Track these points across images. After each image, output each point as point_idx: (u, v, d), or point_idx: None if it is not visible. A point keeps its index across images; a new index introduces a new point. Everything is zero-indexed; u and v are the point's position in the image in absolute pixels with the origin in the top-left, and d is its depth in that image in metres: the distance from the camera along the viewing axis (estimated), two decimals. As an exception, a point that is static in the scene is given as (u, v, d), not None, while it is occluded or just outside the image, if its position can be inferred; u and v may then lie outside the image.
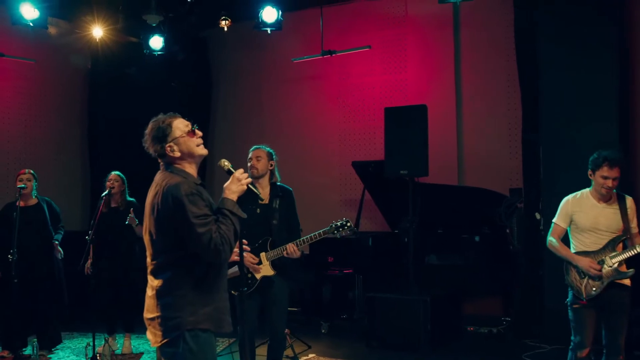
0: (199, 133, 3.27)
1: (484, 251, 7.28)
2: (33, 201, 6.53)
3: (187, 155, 3.22)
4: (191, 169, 3.25)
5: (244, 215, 3.19)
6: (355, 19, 8.87)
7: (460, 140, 8.33)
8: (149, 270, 3.18)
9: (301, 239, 5.01)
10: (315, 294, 8.02)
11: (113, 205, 6.69)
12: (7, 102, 8.84)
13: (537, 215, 6.79)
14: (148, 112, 3.63)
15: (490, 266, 7.29)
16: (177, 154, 3.20)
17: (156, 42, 9.13)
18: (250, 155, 5.16)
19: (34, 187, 6.52)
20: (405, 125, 6.75)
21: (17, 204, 6.26)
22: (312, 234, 5.02)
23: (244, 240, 3.59)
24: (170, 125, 3.21)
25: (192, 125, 3.29)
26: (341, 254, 7.69)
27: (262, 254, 5.04)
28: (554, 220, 4.68)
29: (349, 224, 5.01)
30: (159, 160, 3.27)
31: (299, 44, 8.97)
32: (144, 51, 9.15)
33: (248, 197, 5.03)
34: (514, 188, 7.50)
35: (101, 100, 9.69)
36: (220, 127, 10.23)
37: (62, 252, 6.61)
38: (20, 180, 6.42)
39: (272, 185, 5.22)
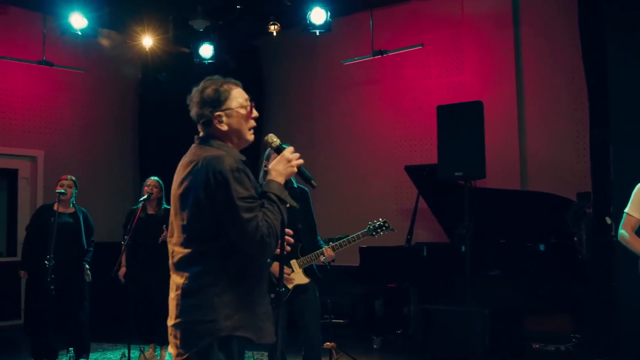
0: (255, 114, 2.78)
1: (550, 261, 6.66)
2: (70, 209, 6.35)
3: (234, 134, 2.72)
4: (232, 147, 2.74)
5: (294, 204, 2.70)
6: (408, 21, 8.48)
7: (522, 142, 7.78)
8: (172, 262, 2.67)
9: (338, 241, 4.65)
10: (367, 307, 7.57)
11: (150, 211, 6.47)
12: (58, 112, 8.85)
13: (608, 220, 6.16)
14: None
15: (557, 277, 6.67)
16: (224, 128, 2.69)
17: (206, 51, 9.00)
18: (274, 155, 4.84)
19: (74, 195, 6.35)
20: (460, 124, 6.28)
21: (56, 209, 6.12)
22: (349, 236, 4.67)
23: (288, 230, 3.00)
24: (229, 92, 2.71)
25: (251, 100, 2.77)
26: (394, 265, 7.23)
27: (294, 262, 4.66)
28: (626, 210, 4.18)
29: (386, 224, 4.65)
30: (199, 129, 2.76)
31: (349, 47, 8.63)
32: (194, 60, 9.02)
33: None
34: (581, 192, 6.90)
35: (151, 109, 9.61)
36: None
37: (90, 275, 6.39)
38: (60, 186, 6.28)
39: (291, 187, 4.86)
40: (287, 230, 2.98)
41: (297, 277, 4.66)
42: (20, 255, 8.57)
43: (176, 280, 2.62)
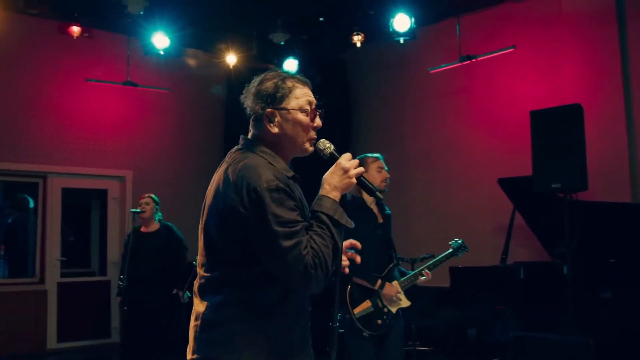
0: (318, 123, 2.35)
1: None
2: (154, 227, 6.25)
3: (287, 141, 2.30)
4: (281, 157, 2.31)
5: (352, 225, 2.23)
6: (498, 24, 7.86)
7: (632, 149, 6.98)
8: (195, 286, 2.28)
9: (432, 262, 4.41)
10: (458, 333, 7.00)
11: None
12: (145, 132, 8.89)
13: None
14: None
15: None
16: (275, 130, 2.28)
17: (290, 66, 8.81)
18: (376, 163, 4.46)
19: (155, 211, 6.24)
20: (557, 130, 5.67)
21: (132, 229, 6.06)
22: (439, 257, 4.45)
23: (353, 245, 2.52)
24: (290, 89, 2.31)
25: (319, 107, 2.37)
26: (488, 287, 6.63)
27: (396, 283, 4.32)
28: None
29: (464, 244, 4.53)
30: (250, 125, 2.37)
31: (435, 55, 8.14)
32: (279, 76, 8.84)
33: (363, 213, 4.38)
34: None
35: (236, 127, 9.44)
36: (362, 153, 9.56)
37: (186, 299, 6.22)
38: (139, 205, 6.22)
39: (377, 200, 4.45)
40: (351, 241, 2.51)
41: (402, 299, 4.36)
42: (109, 275, 8.72)
43: (197, 308, 2.24)
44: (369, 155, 4.54)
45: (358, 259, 2.54)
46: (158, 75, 8.63)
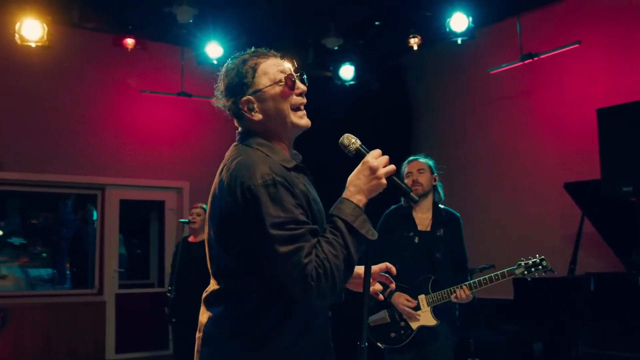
0: (302, 87, 2.09)
1: None
2: (203, 237, 6.14)
3: (275, 122, 2.06)
4: (280, 145, 2.09)
5: (376, 236, 1.93)
6: (562, 21, 7.38)
7: None
8: (203, 297, 2.10)
9: (477, 280, 3.86)
10: (523, 348, 6.54)
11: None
12: (200, 142, 8.83)
13: None
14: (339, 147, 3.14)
15: None
16: (258, 117, 2.05)
17: (347, 72, 8.60)
18: (406, 169, 4.14)
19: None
20: (627, 129, 5.23)
21: (181, 239, 5.97)
22: (492, 274, 3.87)
23: (389, 266, 2.38)
24: (254, 68, 2.08)
25: (297, 73, 2.11)
26: (556, 300, 6.17)
27: (422, 297, 3.96)
28: None
29: (544, 263, 3.76)
30: (235, 123, 2.16)
31: (495, 56, 7.70)
32: (335, 82, 8.65)
33: (402, 220, 4.09)
34: None
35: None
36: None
37: None
38: (190, 215, 6.13)
39: (435, 207, 4.12)
40: (387, 265, 2.33)
41: (424, 316, 3.97)
42: (167, 286, 8.69)
43: (201, 319, 2.06)
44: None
45: (393, 285, 2.44)
46: (212, 85, 8.55)
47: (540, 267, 3.82)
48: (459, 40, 7.14)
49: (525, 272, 3.84)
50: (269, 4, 7.43)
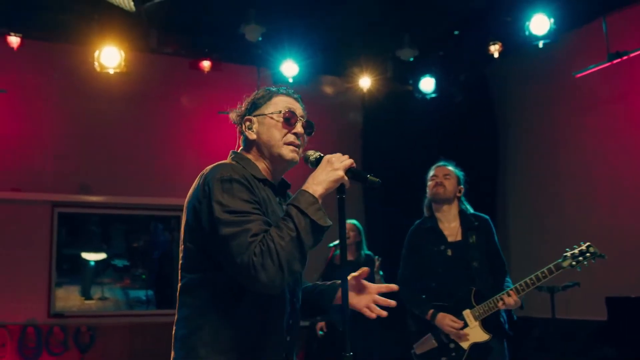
0: (299, 129, 2.25)
1: None
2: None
3: (264, 147, 2.23)
4: (264, 168, 2.25)
5: (328, 223, 2.00)
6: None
7: None
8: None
9: (523, 281, 3.60)
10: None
11: (349, 258, 5.87)
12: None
13: None
14: (424, 162, 3.59)
15: None
16: (252, 136, 2.26)
17: (427, 85, 8.33)
18: (432, 172, 3.93)
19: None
20: None
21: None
22: (539, 272, 3.59)
23: (391, 286, 2.36)
24: (269, 97, 2.31)
25: (300, 117, 2.27)
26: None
27: (467, 312, 3.68)
28: None
29: (592, 250, 3.44)
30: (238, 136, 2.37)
31: (582, 60, 7.16)
32: (416, 96, 8.40)
33: (429, 234, 3.82)
34: None
35: (376, 154, 9.07)
36: (512, 181, 8.72)
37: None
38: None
39: (462, 214, 3.84)
40: (362, 270, 2.33)
41: (474, 332, 3.66)
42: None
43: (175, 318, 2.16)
44: None
45: (392, 303, 2.33)
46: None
47: (587, 254, 3.56)
48: (541, 44, 6.73)
49: (574, 263, 3.57)
50: (343, 19, 7.31)
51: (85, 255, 8.61)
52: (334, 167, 2.06)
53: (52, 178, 7.68)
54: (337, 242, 5.79)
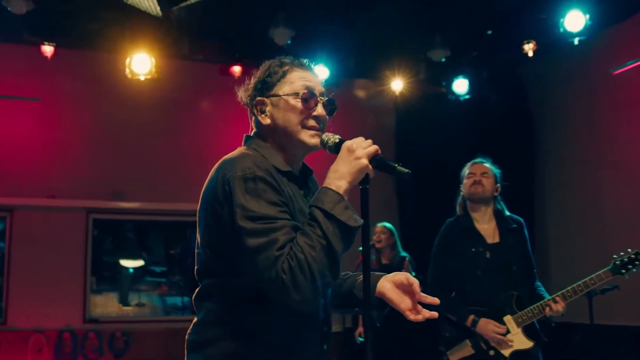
0: (320, 111, 1.98)
1: None
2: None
3: (280, 132, 1.98)
4: (284, 157, 1.99)
5: (359, 222, 1.78)
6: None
7: None
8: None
9: (571, 287, 3.46)
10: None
11: (384, 261, 5.77)
12: (312, 159, 8.71)
13: None
14: (459, 165, 3.53)
15: None
16: (266, 121, 1.99)
17: (461, 86, 8.19)
18: (468, 170, 3.78)
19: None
20: None
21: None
22: (587, 278, 3.44)
23: (412, 279, 2.02)
24: (283, 74, 2.00)
25: (320, 96, 1.99)
26: None
27: (509, 318, 3.53)
28: None
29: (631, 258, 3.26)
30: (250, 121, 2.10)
31: (619, 56, 6.95)
32: (449, 97, 8.27)
33: (465, 235, 3.69)
34: None
35: (409, 158, 8.92)
36: (550, 184, 8.48)
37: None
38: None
39: (499, 215, 3.69)
40: (407, 277, 1.98)
41: (517, 339, 3.50)
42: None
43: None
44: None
45: (436, 300, 2.01)
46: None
47: (637, 262, 3.41)
48: (576, 41, 6.54)
49: (623, 270, 3.43)
50: (374, 21, 7.23)
51: (124, 262, 8.69)
52: (357, 155, 1.82)
53: (87, 185, 7.76)
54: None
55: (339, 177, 1.81)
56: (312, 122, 1.97)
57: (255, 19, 7.11)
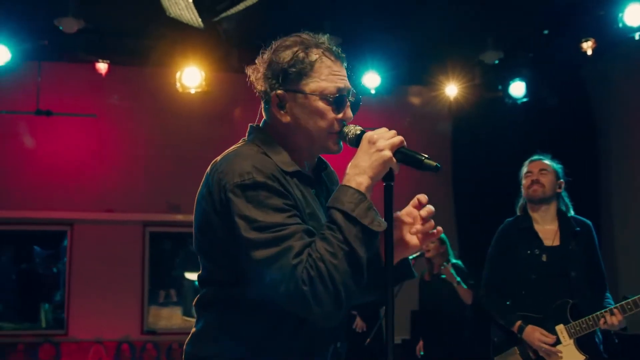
0: (349, 115, 1.75)
1: None
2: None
3: (300, 134, 1.75)
4: (293, 152, 1.76)
5: (383, 226, 1.59)
6: None
7: None
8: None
9: (631, 299, 3.19)
10: None
11: (435, 271, 5.61)
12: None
13: None
14: (516, 169, 3.48)
15: None
16: (286, 119, 1.75)
17: (518, 89, 7.94)
18: (526, 168, 3.58)
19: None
20: None
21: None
22: None
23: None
24: (312, 64, 1.73)
25: (348, 92, 1.76)
26: None
27: (561, 328, 3.31)
28: None
29: None
30: (261, 108, 1.87)
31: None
32: (506, 101, 8.03)
33: (523, 235, 3.51)
34: None
35: (466, 166, 8.69)
36: (617, 188, 8.10)
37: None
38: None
39: (562, 216, 3.46)
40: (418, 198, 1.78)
41: (567, 351, 3.28)
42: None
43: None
44: None
45: (439, 229, 1.85)
46: (370, 117, 8.36)
47: None
48: (637, 36, 6.23)
49: None
50: (424, 25, 7.09)
51: (188, 275, 8.78)
52: (378, 146, 1.61)
53: (143, 198, 7.90)
54: (417, 254, 5.53)
55: (360, 172, 1.60)
56: (338, 127, 1.75)
57: (302, 29, 7.08)
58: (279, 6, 6.67)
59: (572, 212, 3.63)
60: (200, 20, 5.35)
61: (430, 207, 1.80)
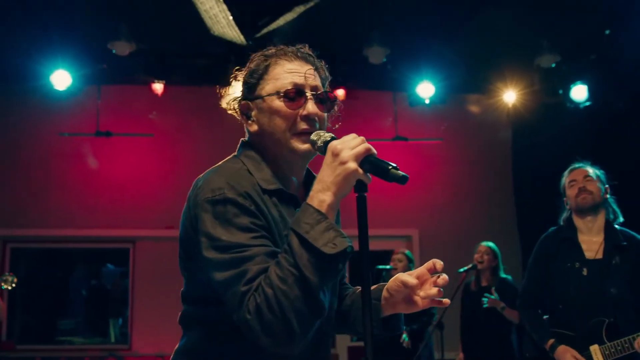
0: (310, 109, 1.67)
1: None
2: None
3: (268, 139, 1.69)
4: (276, 169, 1.71)
5: (339, 248, 1.43)
6: None
7: None
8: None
9: None
10: None
11: (483, 283, 5.45)
12: (427, 187, 8.45)
13: None
14: None
15: None
16: (253, 127, 1.72)
17: (579, 93, 7.66)
18: (569, 178, 3.39)
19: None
20: None
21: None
22: None
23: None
24: (266, 68, 1.71)
25: (311, 90, 1.69)
26: None
27: (595, 348, 3.11)
28: None
29: None
30: None
31: None
32: (567, 106, 7.75)
33: (564, 246, 3.34)
34: None
35: (528, 174, 8.40)
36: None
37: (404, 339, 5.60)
38: (392, 261, 5.83)
39: (609, 228, 3.25)
40: (434, 262, 1.71)
41: None
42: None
43: None
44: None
45: (445, 301, 1.71)
46: (428, 126, 8.26)
47: None
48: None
49: None
50: (477, 32, 6.92)
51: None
52: (342, 159, 1.48)
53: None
54: (469, 266, 5.38)
55: (323, 188, 1.49)
56: (302, 125, 1.66)
57: (353, 41, 7.05)
58: (329, 19, 6.67)
59: (620, 219, 3.42)
60: (242, 37, 5.40)
61: (445, 277, 1.71)
